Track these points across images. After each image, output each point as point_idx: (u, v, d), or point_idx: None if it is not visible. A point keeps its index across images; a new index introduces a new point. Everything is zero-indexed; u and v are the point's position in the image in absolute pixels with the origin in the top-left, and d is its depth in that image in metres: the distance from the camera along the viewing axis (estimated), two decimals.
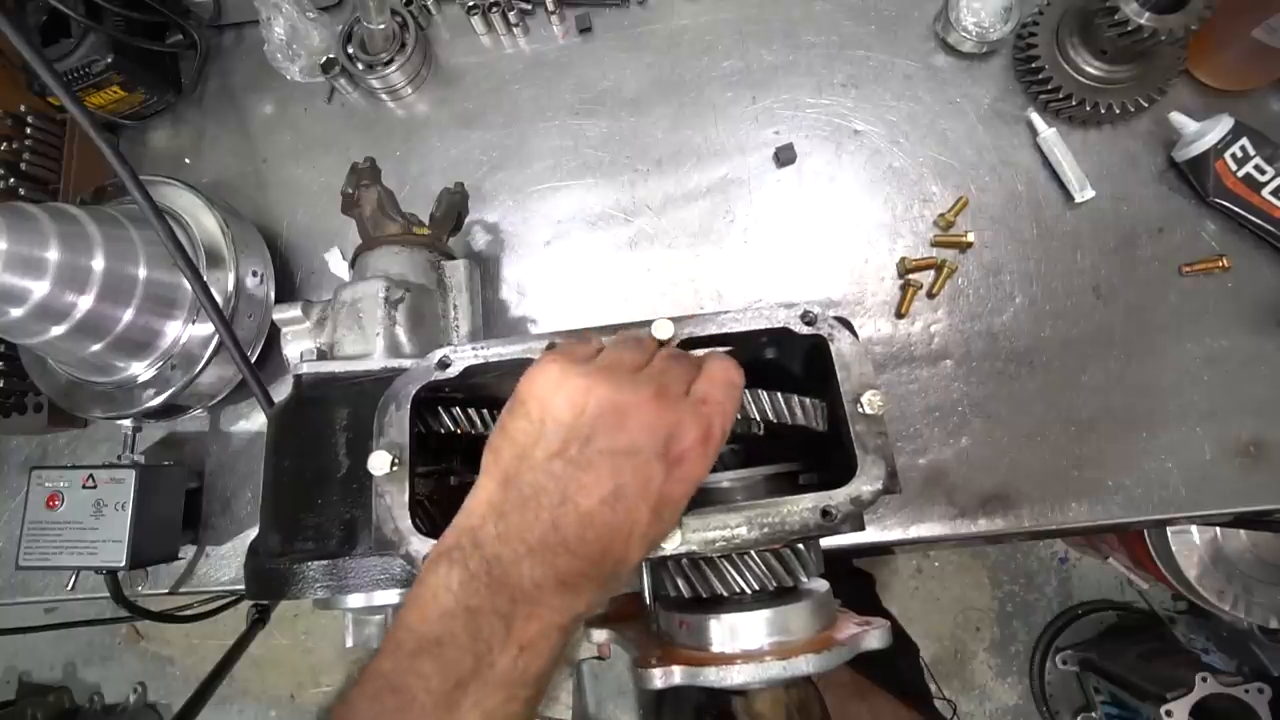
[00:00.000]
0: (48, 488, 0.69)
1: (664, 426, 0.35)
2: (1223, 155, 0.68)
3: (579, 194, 0.81)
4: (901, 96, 0.78)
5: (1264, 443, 0.67)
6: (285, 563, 0.52)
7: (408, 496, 0.41)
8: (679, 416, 0.35)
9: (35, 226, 0.59)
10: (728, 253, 0.78)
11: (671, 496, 0.35)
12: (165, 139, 0.90)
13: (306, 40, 0.83)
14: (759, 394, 0.43)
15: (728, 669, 0.38)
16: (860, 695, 0.70)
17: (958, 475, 0.69)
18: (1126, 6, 0.64)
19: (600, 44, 0.85)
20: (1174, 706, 1.25)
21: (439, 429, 0.46)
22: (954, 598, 1.78)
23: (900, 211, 0.76)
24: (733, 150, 0.80)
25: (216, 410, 0.80)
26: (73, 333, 0.63)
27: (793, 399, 0.43)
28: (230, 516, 0.78)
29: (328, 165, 0.85)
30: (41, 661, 2.04)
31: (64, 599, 0.76)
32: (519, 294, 0.80)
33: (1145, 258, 0.72)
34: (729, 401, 0.38)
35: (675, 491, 0.35)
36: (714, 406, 0.37)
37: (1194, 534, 1.21)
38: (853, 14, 0.81)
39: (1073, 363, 0.71)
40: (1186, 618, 1.48)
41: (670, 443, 0.35)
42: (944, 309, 0.74)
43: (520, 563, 0.34)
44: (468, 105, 0.85)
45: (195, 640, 1.96)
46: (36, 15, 0.77)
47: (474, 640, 0.33)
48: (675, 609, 0.44)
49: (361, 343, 0.61)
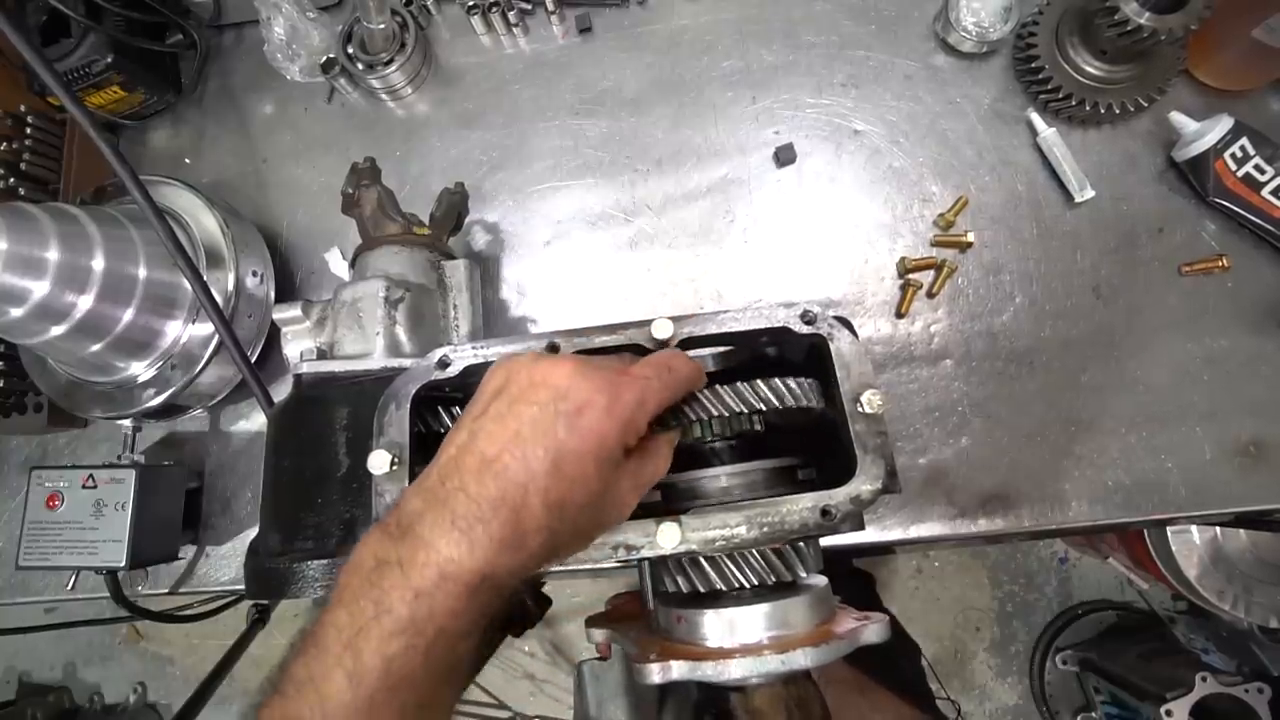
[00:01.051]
0: (48, 488, 0.69)
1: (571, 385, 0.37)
2: (1222, 155, 0.68)
3: (579, 194, 0.81)
4: (901, 96, 0.78)
5: (1264, 443, 0.67)
6: (285, 562, 0.52)
7: None
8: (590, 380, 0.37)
9: (35, 226, 0.59)
10: (728, 253, 0.78)
11: (570, 450, 0.35)
12: (165, 139, 0.90)
13: (306, 40, 0.83)
14: (752, 385, 0.43)
15: (725, 663, 0.38)
16: (860, 690, 0.70)
17: (958, 475, 0.69)
18: (1126, 6, 0.64)
19: (600, 44, 0.85)
20: (1174, 706, 1.25)
21: (439, 428, 0.46)
22: (954, 598, 1.78)
23: (900, 211, 0.76)
24: (733, 150, 0.80)
25: (216, 410, 0.80)
26: (73, 333, 0.63)
27: (785, 381, 0.43)
28: (230, 516, 0.78)
29: (328, 165, 0.85)
30: (41, 661, 2.04)
31: (64, 599, 0.76)
32: (519, 294, 0.80)
33: (1145, 258, 0.72)
34: (657, 380, 0.39)
35: (572, 445, 0.36)
36: (633, 378, 0.38)
37: (1194, 534, 1.21)
38: (853, 14, 0.81)
39: (1073, 363, 0.71)
40: (1186, 618, 1.48)
41: (571, 398, 0.36)
42: (944, 309, 0.74)
43: (424, 513, 0.35)
44: (468, 105, 0.85)
45: (195, 640, 1.96)
46: (36, 15, 0.78)
47: (374, 588, 0.34)
48: (674, 605, 0.44)
49: (361, 342, 0.61)
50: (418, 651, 0.33)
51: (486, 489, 0.35)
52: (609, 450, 0.37)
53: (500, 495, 0.35)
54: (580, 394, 0.36)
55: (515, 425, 0.36)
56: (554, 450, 0.35)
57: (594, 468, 0.36)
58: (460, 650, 0.35)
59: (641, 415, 0.38)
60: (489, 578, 0.34)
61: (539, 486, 0.35)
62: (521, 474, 0.35)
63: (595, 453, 0.36)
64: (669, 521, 0.40)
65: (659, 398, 0.39)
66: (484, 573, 0.34)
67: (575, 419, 0.36)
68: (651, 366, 0.40)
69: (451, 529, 0.34)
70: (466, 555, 0.34)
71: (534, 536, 0.35)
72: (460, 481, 0.35)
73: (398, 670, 0.33)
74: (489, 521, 0.34)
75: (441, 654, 0.34)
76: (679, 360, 0.42)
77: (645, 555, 0.40)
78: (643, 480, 0.40)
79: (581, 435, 0.36)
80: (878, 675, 0.72)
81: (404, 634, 0.33)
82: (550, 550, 0.36)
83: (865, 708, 0.70)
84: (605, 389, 0.37)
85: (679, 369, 0.41)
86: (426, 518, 0.35)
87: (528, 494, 0.35)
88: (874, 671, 0.71)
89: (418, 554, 0.34)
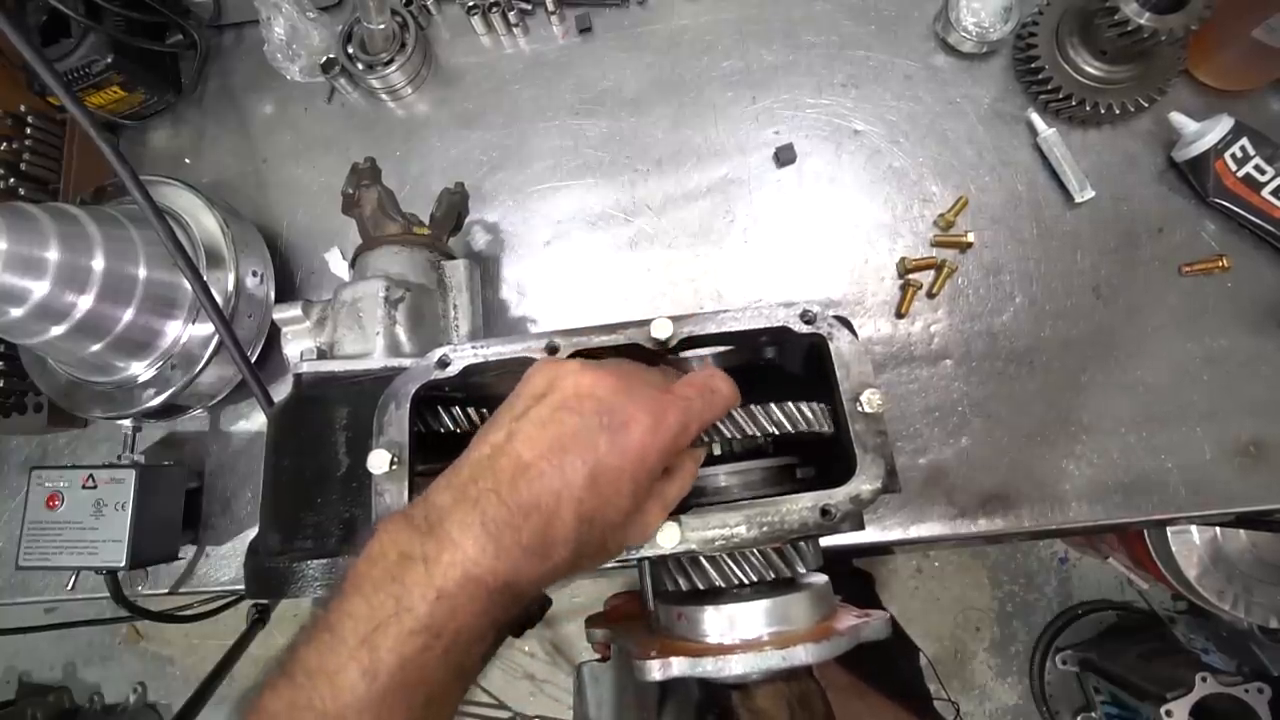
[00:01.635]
0: (48, 488, 0.69)
1: (616, 401, 0.36)
2: (1223, 155, 0.68)
3: (579, 194, 0.81)
4: (901, 96, 0.79)
5: (1264, 443, 0.67)
6: (285, 561, 0.52)
7: (407, 495, 0.41)
8: (635, 398, 0.37)
9: (35, 226, 0.59)
10: (728, 253, 0.78)
11: (609, 466, 0.35)
12: (165, 139, 0.90)
13: (306, 40, 0.83)
14: (765, 408, 0.42)
15: (726, 659, 0.38)
16: (860, 695, 0.70)
17: (958, 475, 0.69)
18: (1126, 6, 0.64)
19: (600, 44, 0.85)
20: (1174, 706, 1.25)
21: (438, 428, 0.46)
22: (954, 598, 1.78)
23: (900, 211, 0.76)
24: (733, 150, 0.80)
25: (216, 410, 0.80)
26: (73, 333, 0.63)
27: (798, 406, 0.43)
28: (230, 516, 0.78)
29: (328, 165, 0.85)
30: (41, 661, 2.04)
31: (64, 599, 0.76)
32: (519, 294, 0.80)
33: (1145, 258, 0.72)
34: (699, 401, 0.39)
35: (612, 462, 0.35)
36: (677, 399, 0.38)
37: (1194, 534, 1.21)
38: (853, 14, 0.81)
39: (1073, 363, 0.71)
40: (1186, 618, 1.48)
41: (617, 413, 0.36)
42: (944, 309, 0.74)
43: (453, 510, 0.34)
44: (468, 105, 0.85)
45: (195, 640, 1.96)
46: (36, 15, 0.77)
47: (395, 582, 0.33)
48: (673, 602, 0.44)
49: (361, 342, 0.61)
50: (434, 652, 0.33)
51: (520, 494, 0.34)
52: (648, 470, 0.36)
53: (534, 502, 0.34)
54: (626, 410, 0.36)
55: (556, 432, 0.35)
56: (593, 463, 0.35)
57: (630, 486, 0.36)
58: (475, 652, 0.35)
59: (684, 438, 0.37)
60: (511, 585, 0.34)
61: (573, 498, 0.34)
62: (557, 483, 0.34)
63: (634, 471, 0.36)
64: (669, 521, 0.40)
65: (701, 420, 0.39)
66: (507, 579, 0.34)
67: (618, 435, 0.35)
68: (695, 388, 0.39)
69: (481, 531, 0.34)
70: (493, 560, 0.33)
71: (561, 548, 0.35)
72: (494, 483, 0.35)
73: (413, 669, 0.32)
74: (519, 528, 0.34)
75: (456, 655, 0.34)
76: (720, 381, 0.41)
77: (645, 555, 0.40)
78: (669, 500, 0.40)
79: (622, 452, 0.35)
80: (876, 677, 0.72)
81: (423, 634, 0.32)
82: (573, 563, 0.36)
83: (864, 712, 0.69)
84: (651, 409, 0.36)
85: (721, 390, 0.40)
86: (455, 516, 0.34)
87: (561, 504, 0.34)
88: (872, 673, 0.71)
89: (444, 553, 0.33)
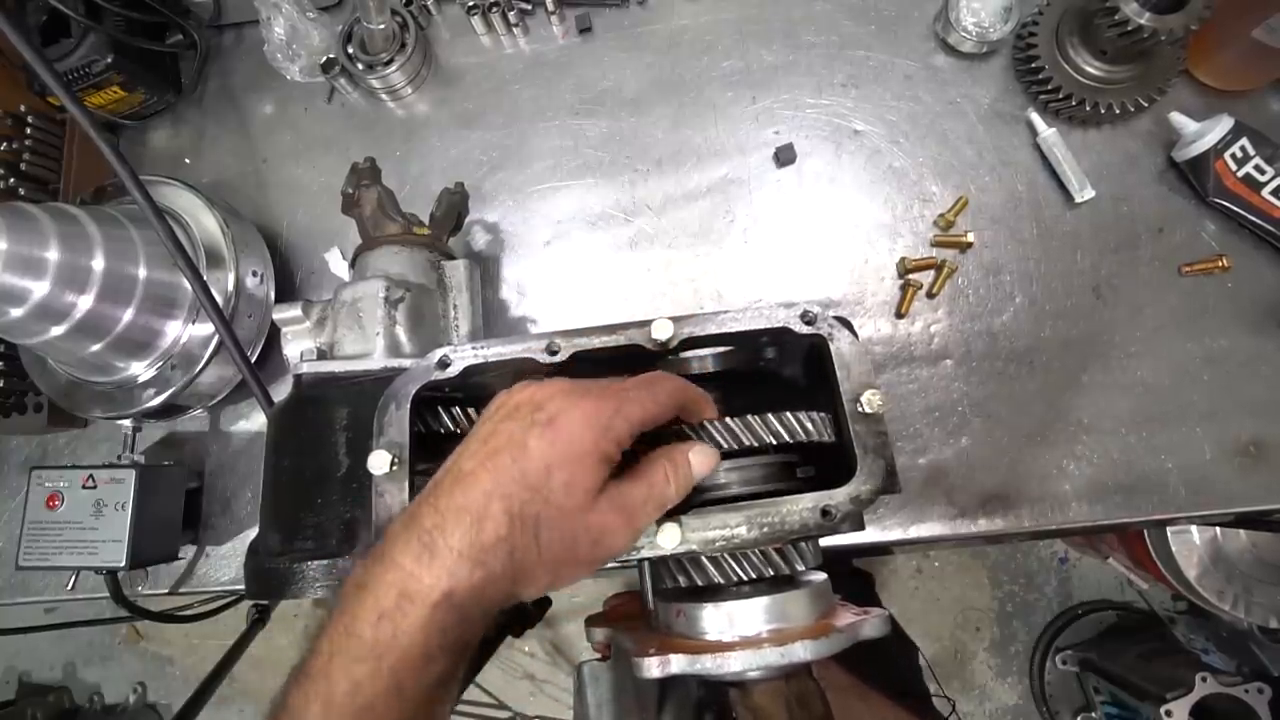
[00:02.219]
0: (48, 488, 0.69)
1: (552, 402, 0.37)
2: (1223, 155, 0.68)
3: (579, 194, 0.81)
4: (901, 96, 0.78)
5: (1264, 443, 0.67)
6: (285, 562, 0.52)
7: (407, 496, 0.41)
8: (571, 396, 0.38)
9: (35, 226, 0.59)
10: (728, 253, 0.78)
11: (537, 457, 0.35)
12: (165, 139, 0.90)
13: (306, 40, 0.83)
14: (764, 419, 0.42)
15: (725, 656, 0.38)
16: (860, 696, 0.70)
17: (958, 475, 0.69)
18: (1126, 6, 0.64)
19: (600, 44, 0.85)
20: (1174, 706, 1.25)
21: (439, 429, 0.46)
22: (954, 598, 1.78)
23: (900, 211, 0.76)
24: (733, 150, 0.80)
25: (216, 410, 0.80)
26: (73, 333, 0.63)
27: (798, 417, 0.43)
28: (230, 516, 0.78)
29: (328, 165, 0.85)
30: (41, 661, 2.04)
31: (64, 599, 0.76)
32: (519, 294, 0.80)
33: (1145, 258, 0.72)
34: (635, 391, 0.39)
35: (541, 453, 0.35)
36: (612, 391, 0.39)
37: (1194, 534, 1.21)
38: (853, 14, 0.81)
39: (1073, 363, 0.71)
40: (1186, 618, 1.48)
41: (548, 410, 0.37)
42: (944, 309, 0.74)
43: (399, 534, 0.35)
44: (468, 105, 0.85)
45: (195, 640, 1.96)
46: (36, 15, 0.77)
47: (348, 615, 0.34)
48: (673, 600, 0.44)
49: (361, 342, 0.61)
50: (381, 675, 0.33)
51: (454, 499, 0.35)
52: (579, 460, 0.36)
53: (464, 505, 0.35)
54: (556, 405, 0.37)
55: (495, 442, 0.37)
56: (521, 458, 0.35)
57: (562, 476, 0.35)
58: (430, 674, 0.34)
59: (620, 423, 0.37)
60: (449, 594, 0.34)
61: (503, 494, 0.35)
62: (488, 483, 0.35)
63: (563, 461, 0.36)
64: (669, 522, 0.40)
65: (641, 409, 0.39)
66: (444, 589, 0.34)
67: (546, 429, 0.36)
68: (633, 381, 0.41)
69: (416, 543, 0.35)
70: (425, 569, 0.34)
71: (497, 551, 0.34)
72: (434, 496, 0.36)
73: (366, 694, 0.33)
74: (449, 531, 0.34)
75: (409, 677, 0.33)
76: (662, 376, 0.42)
77: (645, 555, 0.40)
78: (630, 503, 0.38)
79: (550, 443, 0.36)
80: (874, 676, 0.72)
81: (368, 659, 0.33)
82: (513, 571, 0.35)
83: (864, 712, 0.69)
84: (582, 403, 0.37)
85: (661, 383, 0.41)
86: (400, 537, 0.35)
87: (491, 502, 0.35)
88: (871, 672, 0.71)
89: (386, 574, 0.34)
